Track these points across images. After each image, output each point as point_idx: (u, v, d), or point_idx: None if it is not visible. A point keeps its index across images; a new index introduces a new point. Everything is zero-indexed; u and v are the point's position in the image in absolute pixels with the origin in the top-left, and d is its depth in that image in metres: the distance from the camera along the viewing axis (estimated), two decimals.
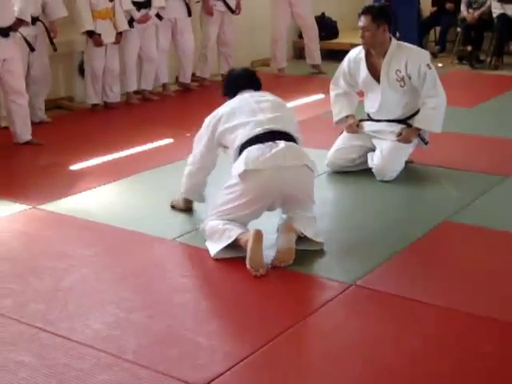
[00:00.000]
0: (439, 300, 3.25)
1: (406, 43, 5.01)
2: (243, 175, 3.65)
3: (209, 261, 3.67)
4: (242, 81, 4.11)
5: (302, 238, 3.72)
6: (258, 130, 3.75)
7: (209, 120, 4.02)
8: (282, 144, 3.71)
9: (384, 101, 4.87)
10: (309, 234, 3.72)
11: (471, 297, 3.29)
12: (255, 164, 3.65)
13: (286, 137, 3.78)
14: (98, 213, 4.37)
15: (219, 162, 4.16)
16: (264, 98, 3.96)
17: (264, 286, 3.46)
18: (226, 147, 3.95)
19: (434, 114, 4.80)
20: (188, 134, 6.12)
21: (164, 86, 7.77)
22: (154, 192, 4.78)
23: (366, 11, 4.77)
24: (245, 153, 3.71)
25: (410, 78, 4.77)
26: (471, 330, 3.02)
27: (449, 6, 9.79)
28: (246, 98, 3.95)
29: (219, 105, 7.51)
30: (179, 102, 7.62)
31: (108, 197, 4.72)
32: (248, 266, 3.47)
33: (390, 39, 4.83)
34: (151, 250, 3.88)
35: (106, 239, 4.03)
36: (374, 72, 4.87)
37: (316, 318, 3.12)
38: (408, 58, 4.77)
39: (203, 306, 3.23)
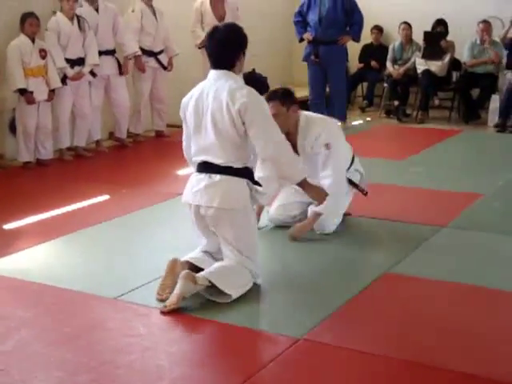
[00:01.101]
0: (389, 350, 3.27)
1: (313, 115, 4.99)
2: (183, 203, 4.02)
3: (152, 319, 3.62)
4: (212, 57, 3.91)
5: (213, 287, 3.73)
6: (199, 159, 3.93)
7: (181, 107, 4.03)
8: (204, 181, 3.85)
9: (308, 167, 4.68)
10: (219, 284, 3.71)
11: (419, 346, 3.33)
12: (186, 198, 3.97)
13: (218, 169, 3.83)
14: (35, 273, 4.26)
15: None
16: (211, 105, 3.82)
17: (212, 342, 3.44)
18: None
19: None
20: (124, 190, 6.09)
21: (97, 142, 7.72)
22: (93, 250, 4.70)
23: (273, 97, 4.67)
24: (189, 180, 4.01)
25: (320, 152, 4.76)
26: (421, 380, 3.05)
27: (373, 63, 10.12)
28: (202, 95, 3.87)
29: (153, 161, 7.52)
30: (113, 158, 7.58)
31: (45, 256, 4.62)
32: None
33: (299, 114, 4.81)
34: (92, 310, 3.79)
35: (46, 300, 3.92)
36: (292, 145, 4.80)
37: (266, 373, 3.09)
38: (316, 135, 4.73)
39: (150, 367, 3.15)
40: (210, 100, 3.85)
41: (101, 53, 7.39)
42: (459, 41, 9.38)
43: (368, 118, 9.64)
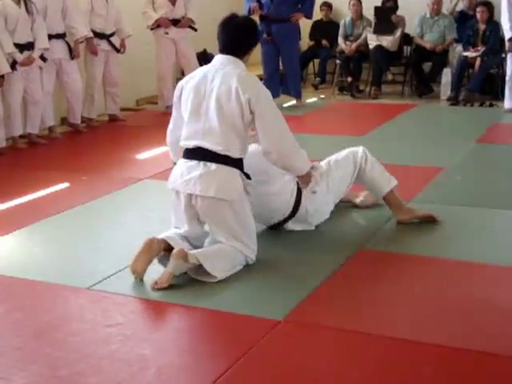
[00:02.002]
0: (370, 327, 3.28)
1: None
2: (170, 189, 3.93)
3: (129, 307, 3.56)
4: (225, 41, 3.91)
5: (202, 267, 3.72)
6: (191, 144, 3.82)
7: (177, 87, 3.99)
8: (199, 170, 3.77)
9: None
10: (206, 265, 3.70)
11: (398, 321, 3.34)
12: (175, 185, 3.88)
13: (214, 157, 3.76)
14: (1, 266, 4.14)
15: None
16: (217, 88, 3.76)
17: (193, 328, 3.39)
18: None
19: None
20: (83, 177, 5.96)
21: (50, 128, 7.55)
22: (58, 240, 4.59)
23: None
24: (177, 165, 3.94)
25: None
26: (405, 355, 3.06)
27: (324, 42, 10.11)
28: (206, 78, 3.82)
29: (110, 146, 7.33)
30: (69, 145, 7.43)
31: (9, 248, 4.49)
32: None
33: None
34: (66, 302, 3.69)
35: (15, 293, 3.82)
36: None
37: (251, 357, 3.06)
38: None
39: (133, 356, 3.09)
40: (215, 84, 3.78)
41: (51, 37, 7.19)
42: (409, 15, 9.43)
43: (322, 96, 9.65)
